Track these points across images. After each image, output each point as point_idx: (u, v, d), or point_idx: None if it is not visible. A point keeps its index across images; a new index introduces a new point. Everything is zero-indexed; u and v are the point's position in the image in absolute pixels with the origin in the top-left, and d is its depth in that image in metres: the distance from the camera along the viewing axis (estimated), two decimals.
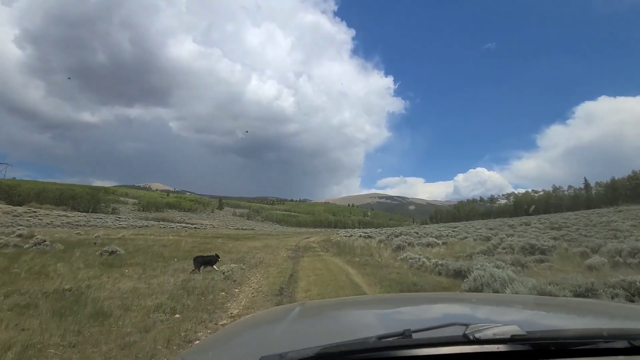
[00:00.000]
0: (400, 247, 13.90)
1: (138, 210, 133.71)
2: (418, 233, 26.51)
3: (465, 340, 0.76)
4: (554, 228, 32.30)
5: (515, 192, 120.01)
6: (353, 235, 28.97)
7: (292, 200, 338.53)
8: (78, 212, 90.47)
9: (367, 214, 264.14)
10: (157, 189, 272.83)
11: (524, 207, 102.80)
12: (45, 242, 12.75)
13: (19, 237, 16.19)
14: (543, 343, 0.77)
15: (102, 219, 66.36)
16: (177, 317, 4.55)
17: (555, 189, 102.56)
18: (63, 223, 48.82)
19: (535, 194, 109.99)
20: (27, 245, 12.20)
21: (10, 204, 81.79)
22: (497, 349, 0.75)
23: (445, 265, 7.86)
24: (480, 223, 58.33)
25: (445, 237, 22.14)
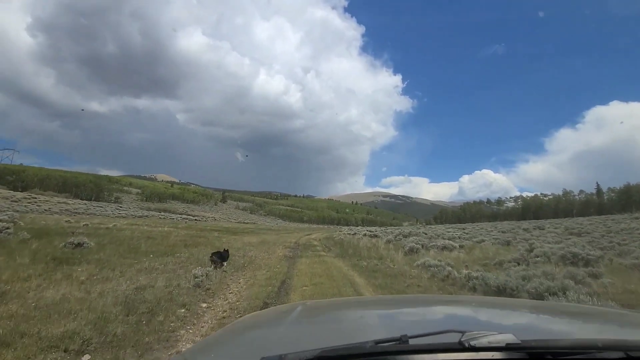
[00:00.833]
0: (414, 250, 12.11)
1: (141, 200, 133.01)
2: (427, 233, 24.67)
3: (461, 348, 0.77)
4: (573, 234, 30.19)
5: (523, 195, 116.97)
6: (357, 234, 27.19)
7: (295, 196, 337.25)
8: (80, 200, 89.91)
9: (370, 212, 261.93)
10: (162, 180, 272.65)
11: (532, 210, 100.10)
12: (9, 229, 11.16)
13: None
14: (537, 352, 0.78)
15: (102, 208, 65.36)
16: None
17: (566, 193, 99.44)
18: (61, 210, 47.81)
19: (544, 198, 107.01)
20: None
21: (14, 190, 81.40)
22: (491, 357, 0.76)
23: (482, 279, 6.04)
24: (489, 225, 56.13)
25: (459, 239, 20.32)
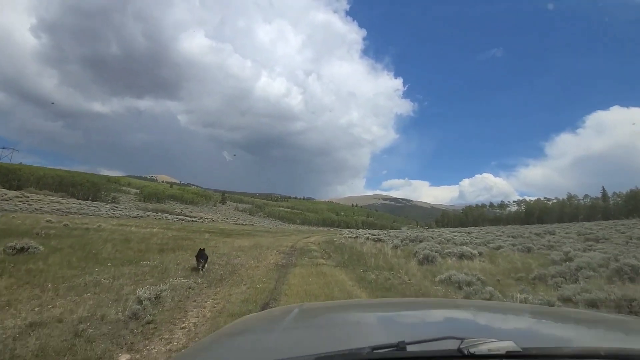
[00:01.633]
0: (429, 258, 10.27)
1: (139, 201, 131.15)
2: (435, 238, 22.77)
3: (460, 355, 0.75)
4: (590, 239, 28.23)
5: (527, 199, 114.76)
6: (359, 237, 25.31)
7: (296, 198, 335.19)
8: (76, 199, 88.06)
9: (370, 215, 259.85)
10: (163, 181, 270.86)
11: (536, 214, 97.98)
12: None
13: None
14: None
15: (96, 208, 63.48)
16: None
17: (570, 197, 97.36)
18: (52, 210, 46.04)
19: (548, 202, 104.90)
20: None
21: (10, 189, 79.67)
22: None
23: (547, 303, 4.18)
24: (494, 229, 54.15)
25: (471, 244, 18.47)
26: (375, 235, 24.69)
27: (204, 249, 8.24)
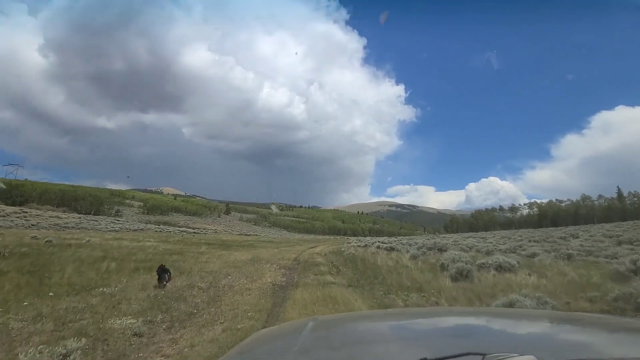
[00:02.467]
0: (463, 272, 8.25)
1: (142, 214, 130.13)
2: (454, 244, 20.63)
3: None
4: (623, 242, 25.81)
5: (538, 201, 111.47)
6: (368, 246, 23.24)
7: (301, 207, 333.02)
8: (78, 214, 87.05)
9: (376, 222, 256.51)
10: (168, 193, 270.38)
11: (550, 217, 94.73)
12: None
13: None
14: None
15: (96, 222, 62.27)
16: None
17: (585, 198, 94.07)
18: (50, 225, 44.74)
19: (561, 204, 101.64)
20: None
21: (13, 205, 79.04)
22: None
23: None
24: (509, 233, 51.56)
25: (498, 252, 16.38)
26: (387, 244, 22.56)
27: (165, 265, 7.73)
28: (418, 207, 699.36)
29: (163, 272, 7.26)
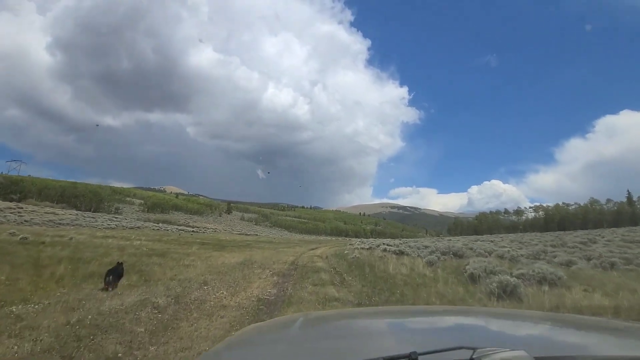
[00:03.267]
0: (507, 287, 6.34)
1: (142, 211, 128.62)
2: (474, 249, 18.68)
3: None
4: None
5: (544, 204, 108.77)
6: (374, 248, 21.33)
7: (303, 207, 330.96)
8: (77, 210, 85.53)
9: (378, 224, 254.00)
10: (171, 192, 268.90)
11: (557, 221, 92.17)
12: None
13: None
14: None
15: (93, 219, 60.72)
16: None
17: (593, 202, 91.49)
18: (44, 221, 43.20)
19: (568, 207, 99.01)
20: None
21: (13, 201, 77.85)
22: None
23: None
24: (516, 237, 49.41)
25: (520, 257, 14.46)
26: (394, 246, 20.61)
27: (122, 263, 6.90)
28: (420, 209, 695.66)
29: (110, 273, 6.34)
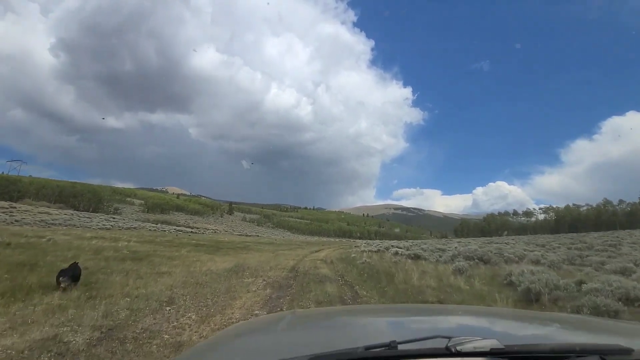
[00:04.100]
0: (606, 310, 4.31)
1: (142, 212, 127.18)
2: (502, 254, 16.59)
3: (448, 353, 0.80)
4: None
5: (553, 206, 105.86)
6: (382, 251, 19.28)
7: (306, 208, 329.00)
8: (75, 210, 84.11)
9: (382, 225, 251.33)
10: (173, 193, 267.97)
11: (568, 222, 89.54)
12: None
13: None
14: (519, 356, 0.82)
15: (89, 219, 59.07)
16: None
17: (606, 203, 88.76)
18: (35, 221, 41.44)
19: (580, 208, 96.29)
20: None
21: (10, 200, 76.68)
22: None
23: None
24: (528, 239, 47.10)
25: (559, 263, 12.41)
26: (406, 249, 18.53)
27: (78, 263, 6.29)
28: (424, 210, 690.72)
29: (64, 274, 5.75)
